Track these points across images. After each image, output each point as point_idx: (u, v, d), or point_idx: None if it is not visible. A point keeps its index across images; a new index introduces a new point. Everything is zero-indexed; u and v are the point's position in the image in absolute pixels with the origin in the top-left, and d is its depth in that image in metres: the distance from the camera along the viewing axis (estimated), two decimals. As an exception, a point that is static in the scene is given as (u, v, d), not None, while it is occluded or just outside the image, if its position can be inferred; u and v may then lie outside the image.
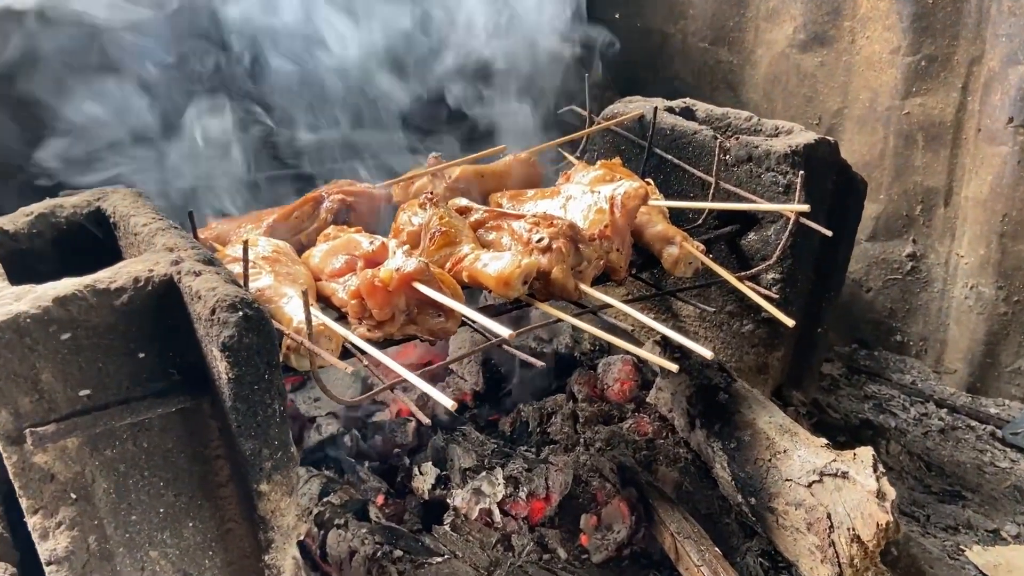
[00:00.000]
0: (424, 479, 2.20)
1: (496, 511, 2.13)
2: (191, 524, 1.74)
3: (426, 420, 1.57)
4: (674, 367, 1.73)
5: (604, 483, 2.25)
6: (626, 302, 2.00)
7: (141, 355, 1.59)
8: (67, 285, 1.52)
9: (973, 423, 3.19)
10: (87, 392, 1.55)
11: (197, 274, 1.56)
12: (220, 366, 1.49)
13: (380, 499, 2.16)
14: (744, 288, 2.20)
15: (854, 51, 3.46)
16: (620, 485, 2.24)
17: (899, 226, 3.54)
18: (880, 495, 1.92)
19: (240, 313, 1.48)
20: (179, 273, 1.57)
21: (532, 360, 1.76)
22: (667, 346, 2.60)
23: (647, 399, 2.63)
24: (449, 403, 1.45)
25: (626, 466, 2.31)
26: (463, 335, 2.82)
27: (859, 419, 3.12)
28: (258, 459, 1.58)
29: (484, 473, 2.15)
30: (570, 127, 3.01)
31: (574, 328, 3.10)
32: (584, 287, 2.03)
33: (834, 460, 2.02)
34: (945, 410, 3.26)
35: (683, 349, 2.64)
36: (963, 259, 3.35)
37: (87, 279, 1.55)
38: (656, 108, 2.75)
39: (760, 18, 3.76)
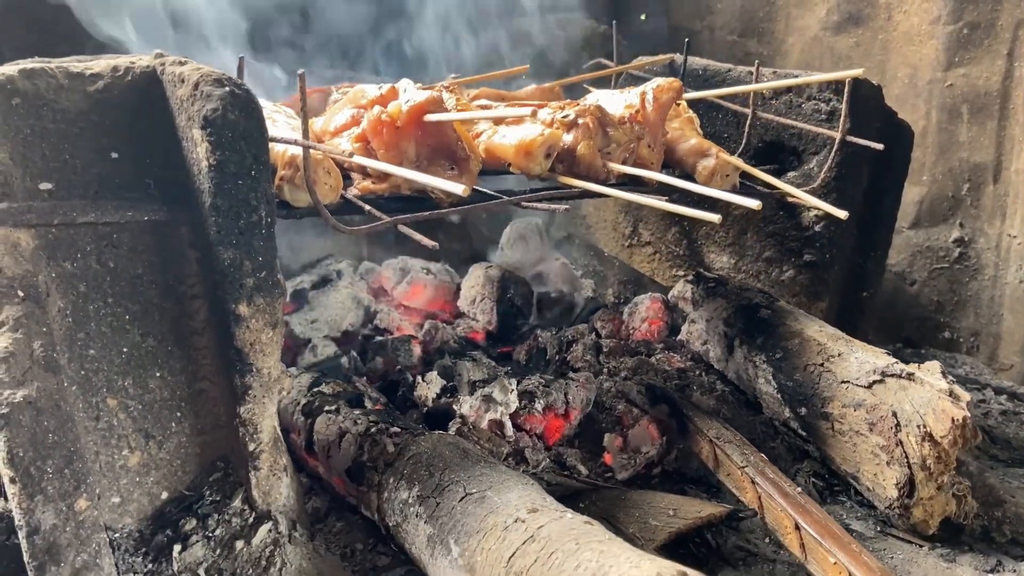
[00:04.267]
0: (429, 387, 1.94)
1: (508, 424, 1.86)
2: (158, 374, 1.52)
3: (431, 243, 1.36)
4: (716, 218, 1.51)
5: (630, 407, 1.98)
6: (664, 174, 1.80)
7: (114, 155, 1.42)
8: (36, 61, 1.36)
9: (1037, 409, 2.88)
10: (49, 187, 1.37)
11: (183, 63, 1.40)
12: (200, 151, 1.31)
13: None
14: (790, 189, 2.00)
15: (891, 27, 3.35)
16: (650, 404, 1.97)
17: (944, 209, 3.33)
18: (952, 395, 1.66)
19: (227, 88, 1.31)
20: (163, 64, 1.41)
21: (553, 207, 1.56)
22: (699, 281, 2.37)
23: (679, 338, 2.37)
24: (458, 188, 1.25)
25: (656, 386, 2.04)
26: (478, 271, 2.61)
27: (910, 398, 2.82)
28: (238, 273, 1.37)
29: (496, 381, 1.90)
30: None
31: (596, 283, 2.89)
32: (613, 164, 1.85)
33: (896, 363, 1.77)
34: (1004, 396, 2.96)
35: (719, 278, 2.42)
36: (1016, 239, 3.11)
37: (62, 60, 1.39)
38: (687, 42, 2.62)
39: (791, 5, 3.68)
